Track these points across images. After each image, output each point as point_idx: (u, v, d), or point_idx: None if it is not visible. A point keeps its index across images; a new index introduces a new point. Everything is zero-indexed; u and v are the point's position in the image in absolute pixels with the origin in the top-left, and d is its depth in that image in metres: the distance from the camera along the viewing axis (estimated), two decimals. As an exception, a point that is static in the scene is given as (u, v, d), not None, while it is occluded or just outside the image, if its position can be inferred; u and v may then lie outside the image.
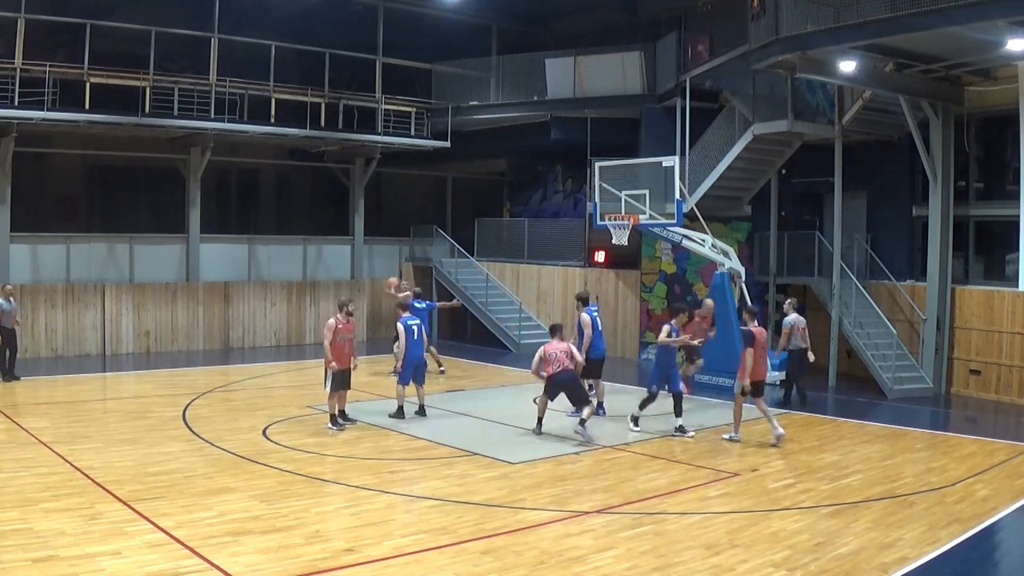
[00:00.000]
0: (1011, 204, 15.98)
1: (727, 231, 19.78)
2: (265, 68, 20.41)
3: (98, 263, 20.56)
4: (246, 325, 21.95)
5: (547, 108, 22.47)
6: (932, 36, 13.39)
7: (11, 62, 17.36)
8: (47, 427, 11.92)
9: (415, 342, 13.05)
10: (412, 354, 13.00)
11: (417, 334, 13.11)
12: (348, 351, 12.36)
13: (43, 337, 19.18)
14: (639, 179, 17.23)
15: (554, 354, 12.10)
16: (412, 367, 13.03)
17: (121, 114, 18.65)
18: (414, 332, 13.06)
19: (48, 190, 22.15)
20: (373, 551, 7.48)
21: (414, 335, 13.04)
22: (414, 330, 13.08)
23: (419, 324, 13.31)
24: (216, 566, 6.97)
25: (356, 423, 12.58)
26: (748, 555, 7.56)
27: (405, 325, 13.05)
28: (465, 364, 19.58)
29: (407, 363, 12.98)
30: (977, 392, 16.21)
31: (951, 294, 16.63)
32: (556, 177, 25.04)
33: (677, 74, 19.95)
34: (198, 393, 15.02)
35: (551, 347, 12.21)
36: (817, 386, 17.31)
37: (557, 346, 12.20)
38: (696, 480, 10.10)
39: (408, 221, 26.07)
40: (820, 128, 17.71)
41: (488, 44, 23.85)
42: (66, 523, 7.86)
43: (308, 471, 10.05)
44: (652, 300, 20.54)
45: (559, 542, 7.85)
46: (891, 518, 8.67)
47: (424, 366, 13.49)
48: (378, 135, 22.24)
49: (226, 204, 25.30)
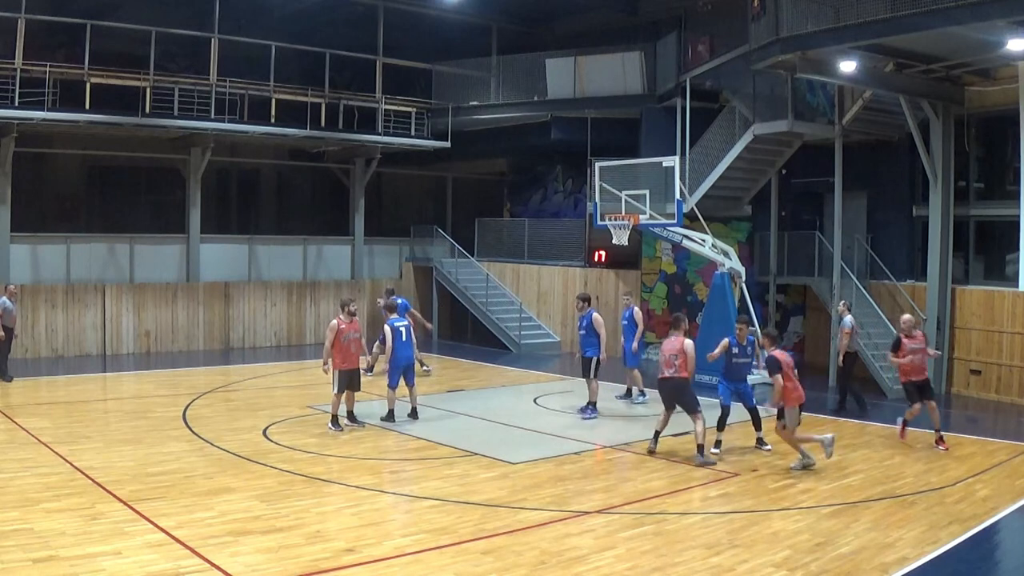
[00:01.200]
0: (1011, 204, 15.98)
1: (727, 231, 19.78)
2: (265, 68, 20.41)
3: (98, 263, 20.57)
4: (246, 325, 21.95)
5: (547, 108, 22.48)
6: (932, 36, 13.39)
7: (11, 62, 17.37)
8: (47, 427, 11.92)
9: (403, 343, 12.70)
10: (400, 356, 12.68)
11: (405, 335, 12.76)
12: (355, 351, 12.19)
13: (43, 337, 19.19)
14: (639, 179, 17.23)
15: (664, 356, 10.87)
16: (400, 369, 12.72)
17: (121, 114, 18.66)
18: (402, 334, 12.71)
19: (48, 190, 22.14)
20: (373, 551, 7.48)
21: (402, 336, 12.70)
22: (402, 332, 12.74)
23: (407, 326, 12.94)
24: (216, 566, 6.97)
25: (364, 426, 12.37)
26: (748, 555, 7.56)
27: (392, 327, 12.73)
28: (465, 364, 19.58)
29: (394, 365, 12.67)
30: (977, 392, 16.21)
31: (951, 294, 16.63)
32: (556, 177, 25.04)
33: (677, 74, 19.97)
34: (198, 393, 15.02)
35: (666, 344, 10.94)
36: (817, 386, 17.32)
37: (673, 344, 10.86)
38: (696, 480, 10.10)
39: (408, 221, 26.08)
40: (820, 128, 17.72)
41: (488, 44, 23.85)
42: (66, 523, 7.86)
43: (308, 471, 10.05)
44: (652, 300, 20.55)
45: (559, 542, 7.85)
46: (891, 518, 8.67)
47: (413, 367, 13.17)
48: (378, 135, 22.25)
49: (226, 204, 25.29)
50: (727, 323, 16.51)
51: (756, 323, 17.52)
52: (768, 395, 14.63)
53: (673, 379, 10.85)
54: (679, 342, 10.85)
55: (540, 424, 12.92)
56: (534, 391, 13.20)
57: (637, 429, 12.78)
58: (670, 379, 10.87)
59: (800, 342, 20.47)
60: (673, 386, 10.88)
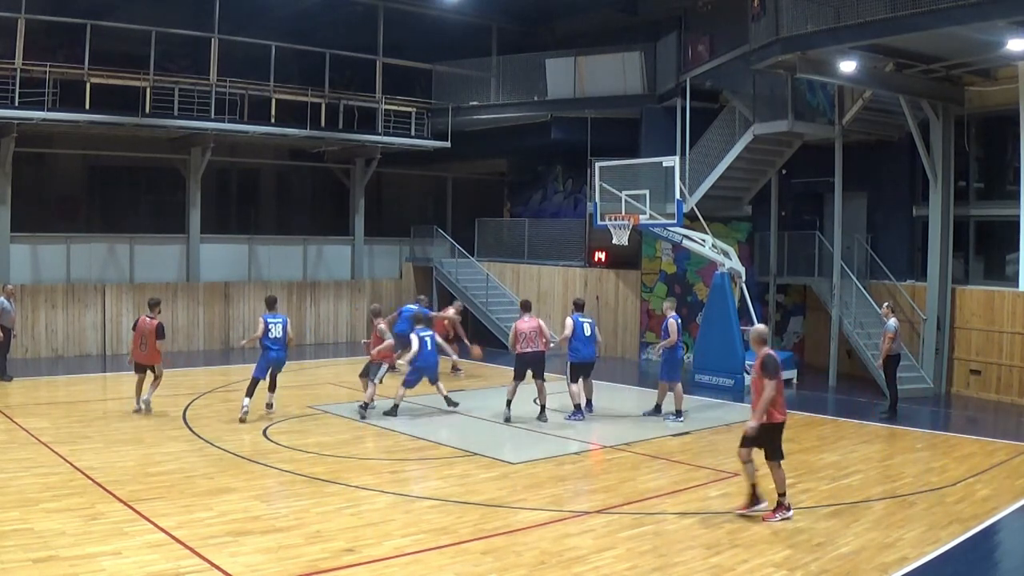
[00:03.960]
0: (1011, 204, 15.97)
1: (727, 231, 19.77)
2: (265, 68, 20.41)
3: (98, 263, 20.57)
4: (246, 325, 21.90)
5: (547, 108, 22.47)
6: (932, 36, 13.39)
7: (11, 62, 17.37)
8: (47, 427, 11.92)
9: (428, 352, 13.46)
10: (424, 362, 13.35)
11: (430, 345, 13.55)
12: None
13: (43, 337, 19.19)
14: (639, 179, 17.22)
15: (524, 332, 12.88)
16: (419, 372, 13.40)
17: (121, 114, 18.66)
18: (427, 343, 13.48)
19: (48, 190, 22.16)
20: (373, 551, 7.48)
21: (427, 346, 13.46)
22: (427, 341, 13.49)
23: (431, 336, 13.73)
24: (216, 566, 6.96)
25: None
26: (748, 555, 7.56)
27: (419, 336, 13.41)
28: (465, 364, 19.56)
29: (415, 369, 13.33)
30: (977, 392, 16.20)
31: (951, 294, 16.63)
32: (556, 177, 25.04)
33: (677, 74, 19.96)
34: (198, 393, 15.03)
35: (522, 324, 12.95)
36: (817, 386, 17.33)
37: (530, 324, 12.95)
38: (696, 480, 10.10)
39: (408, 221, 26.07)
40: (820, 128, 17.71)
41: (488, 44, 23.85)
42: (66, 523, 7.86)
43: (308, 471, 10.05)
44: (652, 300, 20.54)
45: (559, 542, 7.85)
46: (891, 518, 8.67)
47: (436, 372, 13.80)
48: (378, 135, 22.25)
49: (226, 204, 25.30)
50: (727, 323, 16.57)
51: (756, 323, 17.54)
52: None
53: (534, 353, 13.00)
54: (535, 322, 13.15)
55: (540, 424, 12.92)
56: (534, 391, 13.22)
57: (637, 429, 12.80)
58: (531, 353, 12.99)
59: (800, 342, 20.46)
60: (533, 358, 13.00)
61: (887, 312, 14.70)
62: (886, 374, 14.52)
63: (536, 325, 13.10)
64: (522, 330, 12.99)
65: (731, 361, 16.39)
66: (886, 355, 14.28)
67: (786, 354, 18.07)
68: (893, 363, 14.37)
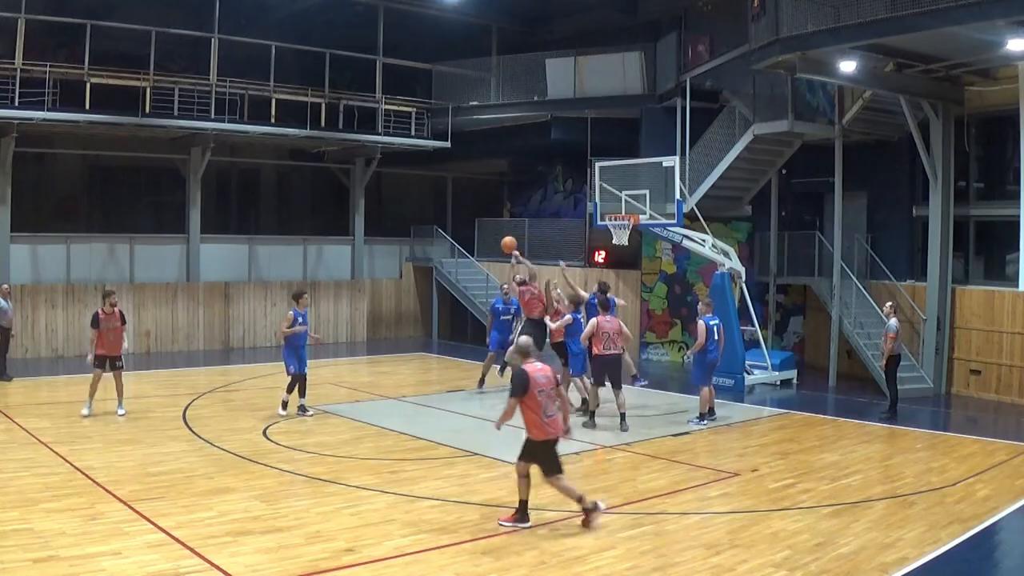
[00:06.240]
0: (1011, 204, 15.97)
1: (727, 231, 19.78)
2: (265, 68, 20.40)
3: (98, 263, 20.57)
4: (246, 325, 21.96)
5: (547, 108, 22.47)
6: (932, 36, 13.38)
7: (11, 62, 17.36)
8: (47, 427, 11.93)
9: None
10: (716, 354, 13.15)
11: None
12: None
13: (43, 337, 19.19)
14: (639, 179, 17.22)
15: (606, 331, 11.87)
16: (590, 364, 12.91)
17: (121, 114, 18.65)
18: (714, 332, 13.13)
19: (48, 190, 22.14)
20: (373, 551, 7.48)
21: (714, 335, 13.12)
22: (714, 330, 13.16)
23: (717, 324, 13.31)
24: (216, 566, 6.97)
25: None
26: (748, 555, 7.56)
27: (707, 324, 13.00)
28: (465, 364, 19.57)
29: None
30: (977, 392, 16.20)
31: (951, 294, 16.62)
32: (556, 177, 25.04)
33: (677, 74, 19.96)
34: (198, 393, 15.03)
35: (604, 321, 11.96)
36: (817, 386, 17.33)
37: (610, 323, 11.93)
38: (696, 480, 10.10)
39: (408, 221, 26.07)
40: (820, 128, 17.71)
41: (488, 44, 23.84)
42: (66, 523, 7.86)
43: (308, 471, 10.05)
44: (652, 300, 20.55)
45: (559, 542, 7.85)
46: (891, 518, 8.67)
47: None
48: (378, 135, 22.24)
49: (226, 204, 25.30)
50: (727, 323, 16.53)
51: (756, 323, 17.55)
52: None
53: (614, 355, 12.27)
54: (617, 322, 12.33)
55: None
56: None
57: (637, 429, 12.78)
58: (610, 355, 12.27)
59: (800, 342, 20.46)
60: (612, 360, 12.27)
61: (890, 312, 14.66)
62: (886, 374, 14.53)
63: (618, 325, 12.18)
64: (604, 328, 11.99)
65: (731, 361, 16.37)
66: (888, 355, 14.23)
67: (786, 354, 18.12)
68: (893, 363, 14.34)
